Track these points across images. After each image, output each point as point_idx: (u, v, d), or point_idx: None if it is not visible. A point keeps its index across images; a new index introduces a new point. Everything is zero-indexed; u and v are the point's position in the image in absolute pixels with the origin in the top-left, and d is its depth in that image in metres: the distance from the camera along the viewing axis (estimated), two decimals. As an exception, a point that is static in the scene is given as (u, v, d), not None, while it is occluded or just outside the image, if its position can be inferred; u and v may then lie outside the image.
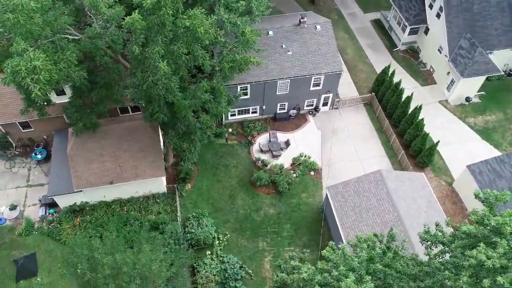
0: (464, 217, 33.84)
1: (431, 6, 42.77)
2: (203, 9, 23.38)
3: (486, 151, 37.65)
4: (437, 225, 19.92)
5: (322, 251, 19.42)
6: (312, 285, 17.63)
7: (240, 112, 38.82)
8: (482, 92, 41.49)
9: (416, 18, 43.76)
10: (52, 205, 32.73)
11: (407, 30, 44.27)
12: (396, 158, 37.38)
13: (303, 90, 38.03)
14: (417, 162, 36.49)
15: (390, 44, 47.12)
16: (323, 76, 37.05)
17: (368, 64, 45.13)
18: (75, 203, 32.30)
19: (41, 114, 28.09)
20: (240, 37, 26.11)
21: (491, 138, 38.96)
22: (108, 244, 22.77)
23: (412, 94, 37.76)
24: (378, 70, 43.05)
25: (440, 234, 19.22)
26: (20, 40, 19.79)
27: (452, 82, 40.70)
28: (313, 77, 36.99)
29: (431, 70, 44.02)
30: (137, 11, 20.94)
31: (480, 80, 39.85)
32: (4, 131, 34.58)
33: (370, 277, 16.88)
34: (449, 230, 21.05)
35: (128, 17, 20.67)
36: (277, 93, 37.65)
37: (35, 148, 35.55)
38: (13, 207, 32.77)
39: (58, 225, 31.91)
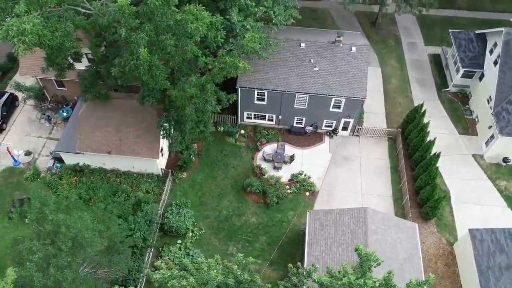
0: (453, 282, 30.75)
1: (491, 52, 39.11)
2: (203, 6, 24.01)
3: (507, 222, 33.63)
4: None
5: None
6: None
7: (256, 117, 38.92)
8: (526, 157, 37.15)
9: (472, 61, 40.24)
10: (60, 160, 35.64)
11: (461, 72, 40.89)
12: (401, 201, 34.94)
13: (322, 109, 37.02)
14: (421, 212, 33.77)
15: (441, 83, 43.86)
16: (344, 99, 35.74)
17: (408, 99, 42.51)
18: (78, 163, 34.87)
19: (58, 75, 30.87)
20: (240, 40, 26.28)
21: (519, 209, 34.81)
22: (63, 203, 24.40)
23: (435, 139, 34.95)
24: (418, 107, 40.43)
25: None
26: (23, 4, 21.98)
27: (492, 137, 36.89)
28: (333, 98, 35.85)
29: (476, 120, 40.26)
30: (128, -4, 22.09)
31: (523, 142, 35.71)
32: (42, 85, 38.38)
33: None
34: None
35: (119, 1, 21.93)
36: (295, 106, 37.10)
37: (64, 106, 38.96)
38: (28, 153, 36.33)
39: (58, 179, 34.70)
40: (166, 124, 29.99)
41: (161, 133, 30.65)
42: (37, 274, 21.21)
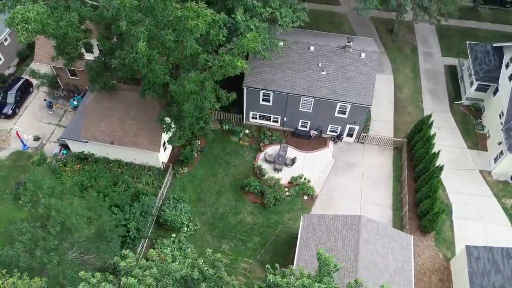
0: (445, 299, 30.09)
1: (507, 66, 38.03)
2: (208, 4, 24.26)
3: (508, 242, 32.61)
4: None
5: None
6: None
7: (261, 117, 38.98)
8: (535, 176, 35.95)
9: (487, 75, 39.21)
10: (67, 147, 36.56)
11: (475, 85, 39.90)
12: (401, 212, 34.35)
13: (327, 114, 36.76)
14: (420, 225, 33.13)
15: (455, 95, 42.90)
16: (350, 105, 35.40)
17: (419, 109, 41.74)
18: (83, 151, 35.69)
19: (66, 64, 31.68)
20: (241, 40, 26.40)
21: (523, 230, 33.69)
22: (58, 188, 25.05)
23: (439, 151, 34.25)
24: (428, 118, 39.72)
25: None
26: None
27: (501, 154, 35.85)
28: (339, 104, 35.56)
29: (487, 135, 39.20)
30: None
31: (533, 161, 34.59)
32: (55, 73, 39.47)
33: None
34: None
35: (121, -6, 22.41)
36: (300, 109, 36.97)
37: (75, 95, 39.96)
38: (36, 138, 37.42)
39: (63, 165, 35.60)
40: (167, 118, 30.35)
41: (162, 127, 31.02)
42: (24, 254, 21.83)
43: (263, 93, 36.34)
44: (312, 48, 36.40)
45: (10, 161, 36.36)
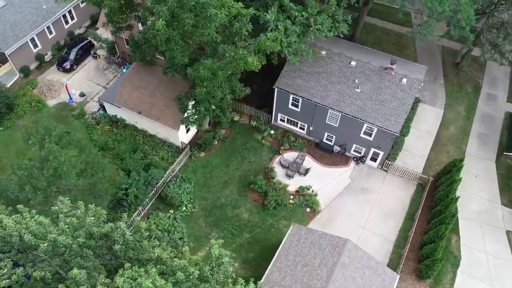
0: None
1: None
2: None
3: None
4: None
5: None
6: None
7: (289, 121, 38.80)
8: None
9: (544, 130, 35.30)
10: (105, 109, 39.46)
11: (529, 138, 36.17)
12: (401, 250, 32.31)
13: (353, 133, 35.61)
14: (417, 268, 30.92)
15: (506, 146, 39.05)
16: (376, 128, 33.96)
17: (460, 151, 38.70)
18: (116, 115, 38.32)
19: (114, 32, 34.30)
20: (260, 37, 26.61)
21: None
22: (65, 138, 27.32)
23: (458, 197, 31.63)
24: (468, 163, 36.69)
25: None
26: None
27: (535, 218, 32.18)
28: (365, 124, 34.28)
29: (529, 195, 35.32)
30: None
31: None
32: (114, 40, 42.72)
33: None
34: None
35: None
36: (326, 122, 36.22)
37: (126, 64, 42.89)
38: (82, 95, 40.88)
39: (96, 124, 38.54)
40: (185, 99, 31.52)
41: (179, 106, 32.30)
42: (15, 186, 24.27)
43: (292, 97, 36.19)
44: (353, 63, 35.47)
45: (55, 109, 40.15)
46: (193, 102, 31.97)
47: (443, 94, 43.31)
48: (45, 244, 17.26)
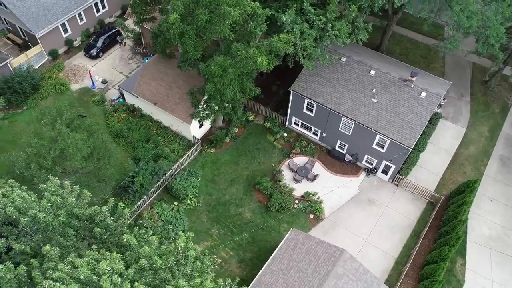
0: None
1: None
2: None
3: None
4: None
5: None
6: None
7: (303, 126, 38.46)
8: None
9: None
10: (124, 97, 40.34)
11: (552, 166, 34.39)
12: (402, 267, 31.42)
13: (365, 143, 34.94)
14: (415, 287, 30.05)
15: (529, 171, 37.39)
16: (389, 141, 33.18)
17: (478, 172, 37.22)
18: (134, 104, 39.12)
19: (137, 22, 35.07)
20: (273, 38, 26.49)
21: None
22: (76, 122, 28.10)
23: (466, 220, 30.45)
24: (485, 185, 35.40)
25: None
26: None
27: (549, 250, 30.57)
28: (378, 135, 33.57)
29: (546, 225, 33.56)
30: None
31: None
32: (141, 31, 43.62)
33: None
34: None
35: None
36: (339, 129, 35.69)
37: (150, 55, 43.69)
38: (104, 82, 41.94)
39: (113, 111, 39.46)
40: (197, 94, 31.78)
41: (191, 100, 32.62)
42: (22, 163, 25.17)
43: (307, 101, 35.86)
44: (372, 72, 34.82)
45: (78, 94, 41.38)
46: (205, 97, 32.20)
47: (467, 112, 41.82)
48: (25, 219, 17.87)
